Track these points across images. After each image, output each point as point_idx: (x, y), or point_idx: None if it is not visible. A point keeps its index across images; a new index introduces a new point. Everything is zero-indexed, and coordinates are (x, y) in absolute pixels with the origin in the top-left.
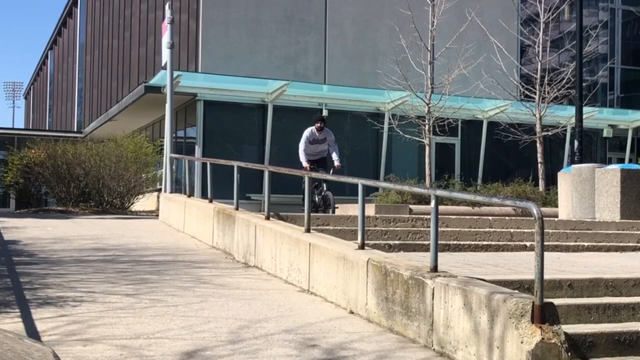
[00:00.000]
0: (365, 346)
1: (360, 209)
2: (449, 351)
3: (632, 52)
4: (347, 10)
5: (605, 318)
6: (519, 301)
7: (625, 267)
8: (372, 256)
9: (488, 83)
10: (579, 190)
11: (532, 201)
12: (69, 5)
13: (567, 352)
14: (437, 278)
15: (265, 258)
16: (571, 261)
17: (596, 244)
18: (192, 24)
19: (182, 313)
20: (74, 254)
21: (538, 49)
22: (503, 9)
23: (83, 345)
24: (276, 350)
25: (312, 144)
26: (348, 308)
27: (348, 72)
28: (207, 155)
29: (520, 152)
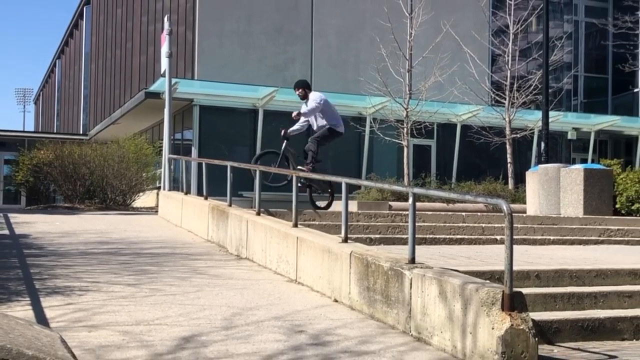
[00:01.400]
0: (349, 332)
1: (344, 205)
2: (425, 337)
3: (594, 61)
4: (331, 23)
5: (570, 306)
6: (490, 290)
7: (588, 259)
8: (355, 249)
9: (461, 89)
10: (545, 188)
11: (502, 198)
12: (76, 17)
13: (535, 338)
14: (414, 269)
15: (256, 251)
16: (538, 254)
17: (561, 237)
18: (189, 35)
19: (180, 301)
20: (79, 247)
21: (508, 58)
22: (475, 21)
23: (88, 331)
24: (266, 335)
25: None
26: (332, 297)
27: (332, 80)
28: (203, 156)
29: (491, 153)
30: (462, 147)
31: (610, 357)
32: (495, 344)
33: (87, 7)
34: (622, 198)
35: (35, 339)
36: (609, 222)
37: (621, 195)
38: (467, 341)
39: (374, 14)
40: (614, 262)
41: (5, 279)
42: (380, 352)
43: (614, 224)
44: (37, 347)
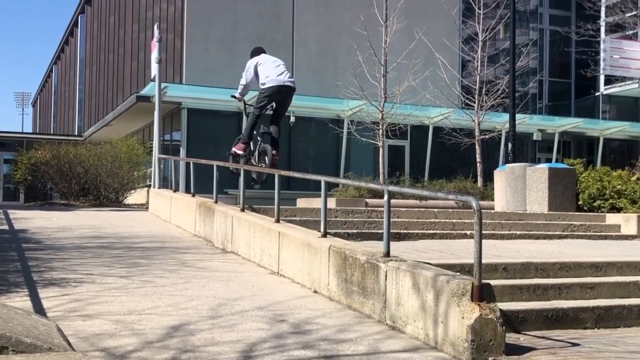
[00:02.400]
0: (327, 321)
1: (323, 202)
2: (400, 325)
3: (558, 67)
4: (311, 31)
5: (535, 297)
6: (460, 282)
7: (553, 253)
8: (333, 243)
9: (433, 93)
10: (512, 186)
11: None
12: (71, 25)
13: (502, 327)
14: (389, 262)
15: (240, 245)
16: (506, 247)
17: (527, 232)
18: (177, 42)
19: (169, 292)
20: (75, 241)
21: (477, 63)
22: (446, 29)
23: (83, 320)
24: (250, 324)
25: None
26: (312, 288)
27: (312, 84)
28: (191, 156)
29: (461, 153)
30: (434, 147)
31: (573, 344)
32: (465, 332)
33: (81, 16)
34: (584, 195)
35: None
36: (572, 218)
37: (583, 193)
38: (438, 330)
39: (351, 23)
40: (576, 256)
41: (4, 271)
42: (357, 340)
43: (577, 220)
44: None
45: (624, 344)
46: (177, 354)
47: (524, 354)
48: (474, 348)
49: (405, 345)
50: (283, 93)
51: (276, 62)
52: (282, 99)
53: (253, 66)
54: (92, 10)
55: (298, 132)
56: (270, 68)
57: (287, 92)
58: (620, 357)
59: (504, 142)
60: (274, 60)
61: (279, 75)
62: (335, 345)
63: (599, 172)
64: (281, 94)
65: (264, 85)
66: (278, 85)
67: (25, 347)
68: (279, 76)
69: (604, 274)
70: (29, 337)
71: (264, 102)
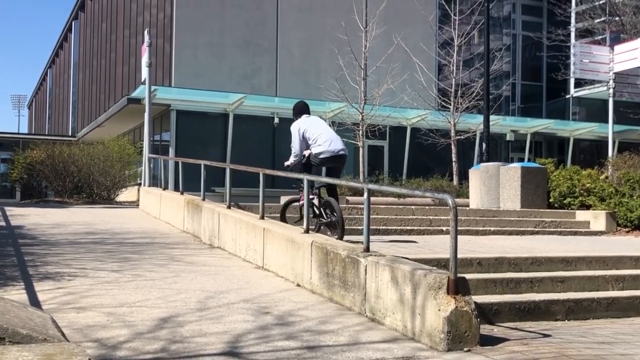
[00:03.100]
0: (310, 313)
1: (306, 199)
2: (379, 317)
3: (530, 70)
4: (294, 36)
5: (508, 290)
6: (437, 276)
7: (525, 248)
8: (316, 239)
9: (411, 96)
10: (486, 184)
11: (448, 193)
12: (65, 31)
13: (477, 318)
14: (369, 257)
15: (227, 240)
16: (480, 243)
17: (500, 228)
18: (166, 47)
19: (159, 286)
20: (69, 237)
21: (452, 67)
22: (424, 34)
23: (76, 313)
24: (236, 316)
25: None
26: (295, 282)
27: (295, 87)
28: (179, 156)
29: (437, 153)
30: (412, 147)
31: (544, 335)
32: (441, 324)
33: (75, 21)
34: (555, 193)
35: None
36: (544, 215)
37: (554, 191)
38: (416, 321)
39: (333, 29)
40: (548, 251)
41: (1, 265)
42: (339, 331)
43: (548, 217)
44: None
45: (592, 335)
46: (167, 345)
47: (498, 344)
48: (449, 339)
49: (384, 336)
50: (334, 162)
51: (323, 126)
52: (335, 166)
53: (300, 133)
54: (85, 17)
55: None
56: (319, 134)
57: (338, 160)
58: (589, 347)
59: (478, 142)
60: (319, 123)
61: (330, 145)
62: (317, 336)
63: (569, 171)
64: (332, 162)
65: (318, 156)
66: (331, 156)
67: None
68: (331, 146)
69: (574, 269)
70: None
71: (315, 163)
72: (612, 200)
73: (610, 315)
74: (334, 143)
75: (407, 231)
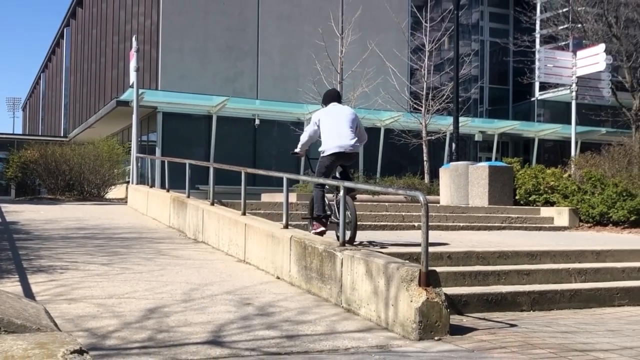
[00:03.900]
0: (289, 304)
1: (285, 196)
2: (354, 308)
3: (497, 75)
4: (274, 42)
5: (477, 282)
6: (409, 269)
7: (492, 243)
8: (294, 234)
9: (385, 98)
10: (456, 182)
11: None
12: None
13: (447, 309)
14: (345, 251)
15: (210, 235)
16: (450, 238)
17: (469, 224)
18: (153, 52)
19: (146, 278)
20: (61, 232)
21: (424, 71)
22: (396, 40)
23: (68, 304)
24: (219, 307)
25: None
26: (275, 274)
27: (275, 90)
28: (165, 155)
29: (410, 152)
30: (385, 147)
31: (511, 325)
32: (413, 314)
33: (67, 28)
34: (521, 190)
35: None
36: (510, 211)
37: (520, 188)
38: (389, 312)
39: (311, 35)
40: (514, 245)
41: None
42: (316, 321)
43: (514, 213)
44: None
45: (556, 324)
46: (154, 334)
47: (467, 333)
48: (421, 328)
49: (359, 326)
50: (344, 159)
51: (339, 118)
52: (344, 163)
53: (315, 122)
54: (76, 24)
55: (262, 134)
56: (330, 128)
57: (347, 157)
58: (553, 336)
59: (448, 142)
60: (338, 114)
61: (340, 139)
62: (296, 326)
63: (534, 169)
64: (342, 159)
65: (323, 153)
66: (338, 152)
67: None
68: (339, 140)
69: (538, 262)
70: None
71: (324, 171)
72: (574, 197)
73: (573, 306)
74: (341, 138)
75: (381, 227)
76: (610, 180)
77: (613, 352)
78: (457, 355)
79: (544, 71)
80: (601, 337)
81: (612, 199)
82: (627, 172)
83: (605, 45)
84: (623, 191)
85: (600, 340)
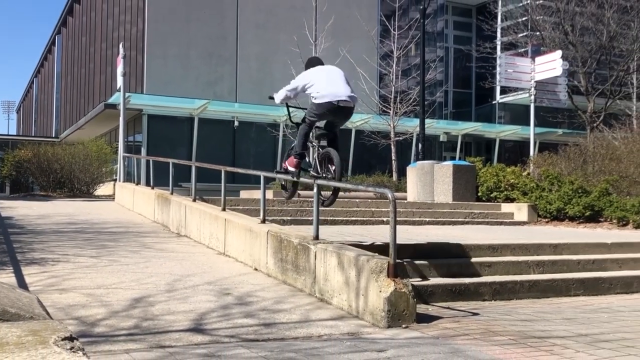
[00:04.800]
0: (266, 294)
1: (262, 193)
2: (327, 298)
3: (461, 79)
4: (252, 49)
5: (441, 273)
6: (378, 261)
7: (456, 237)
8: (271, 228)
9: None
10: (422, 180)
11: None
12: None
13: (414, 299)
14: (318, 244)
15: (192, 229)
16: (417, 232)
17: (435, 219)
18: (139, 59)
19: (132, 270)
20: (52, 227)
21: (392, 76)
22: (367, 47)
23: (59, 294)
24: (201, 297)
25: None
26: (253, 266)
27: (253, 94)
28: (150, 155)
29: (379, 152)
30: (356, 147)
31: (473, 314)
32: (382, 303)
33: (58, 36)
34: (483, 188)
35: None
36: (473, 207)
37: (482, 186)
38: (360, 301)
39: (286, 42)
40: (476, 239)
41: None
42: (291, 310)
43: (477, 209)
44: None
45: (516, 313)
46: (139, 322)
47: (432, 322)
48: (389, 317)
49: (331, 315)
50: (337, 114)
51: (331, 72)
52: (336, 120)
53: (302, 85)
54: (67, 31)
55: (241, 134)
56: (324, 79)
57: (341, 113)
58: (513, 324)
59: (415, 143)
60: (329, 69)
61: (336, 88)
62: (272, 314)
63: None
64: (335, 114)
65: (315, 100)
66: (333, 103)
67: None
68: (336, 89)
69: (499, 254)
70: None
71: (313, 117)
72: (533, 194)
73: (531, 296)
74: (337, 87)
75: (352, 221)
76: (566, 178)
77: (569, 338)
78: (424, 342)
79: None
80: (558, 325)
81: (569, 196)
82: (582, 170)
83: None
84: (578, 188)
85: (557, 328)
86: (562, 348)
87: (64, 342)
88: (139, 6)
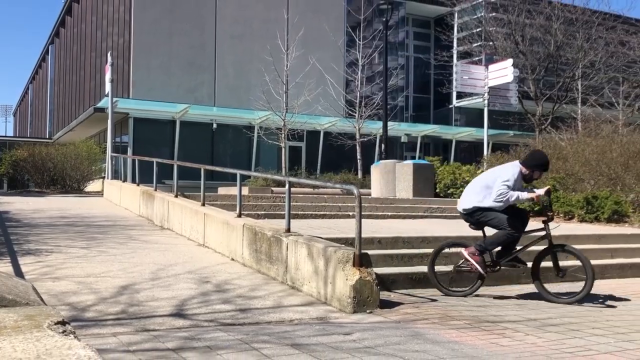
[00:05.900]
0: (242, 282)
1: (238, 190)
2: (298, 285)
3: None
4: (229, 58)
5: (403, 263)
6: (345, 252)
7: (416, 230)
8: (246, 221)
9: (324, 106)
10: (385, 178)
11: (354, 185)
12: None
13: (377, 286)
14: (290, 236)
15: (174, 223)
16: (380, 225)
17: (396, 213)
18: (126, 67)
19: (119, 260)
20: (46, 220)
21: (357, 82)
22: (334, 56)
23: (52, 282)
24: (182, 284)
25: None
26: (230, 257)
27: (230, 99)
28: (136, 154)
29: (345, 152)
30: (325, 147)
31: (432, 300)
32: (348, 291)
33: (51, 45)
34: (441, 185)
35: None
36: (432, 202)
37: (440, 183)
38: (328, 289)
39: (260, 52)
40: (435, 231)
41: None
42: (265, 296)
43: (435, 204)
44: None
45: (471, 299)
46: (126, 308)
47: (394, 307)
48: (355, 303)
49: (302, 301)
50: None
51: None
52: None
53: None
54: (60, 41)
55: (219, 136)
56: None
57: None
58: (468, 310)
59: (378, 143)
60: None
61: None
62: (248, 300)
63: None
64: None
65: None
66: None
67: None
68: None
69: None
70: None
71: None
72: None
73: (485, 284)
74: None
75: (321, 216)
76: None
77: (519, 322)
78: (386, 326)
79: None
80: (510, 310)
81: None
82: None
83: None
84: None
85: (509, 313)
86: (513, 331)
87: (57, 326)
88: (125, 19)
